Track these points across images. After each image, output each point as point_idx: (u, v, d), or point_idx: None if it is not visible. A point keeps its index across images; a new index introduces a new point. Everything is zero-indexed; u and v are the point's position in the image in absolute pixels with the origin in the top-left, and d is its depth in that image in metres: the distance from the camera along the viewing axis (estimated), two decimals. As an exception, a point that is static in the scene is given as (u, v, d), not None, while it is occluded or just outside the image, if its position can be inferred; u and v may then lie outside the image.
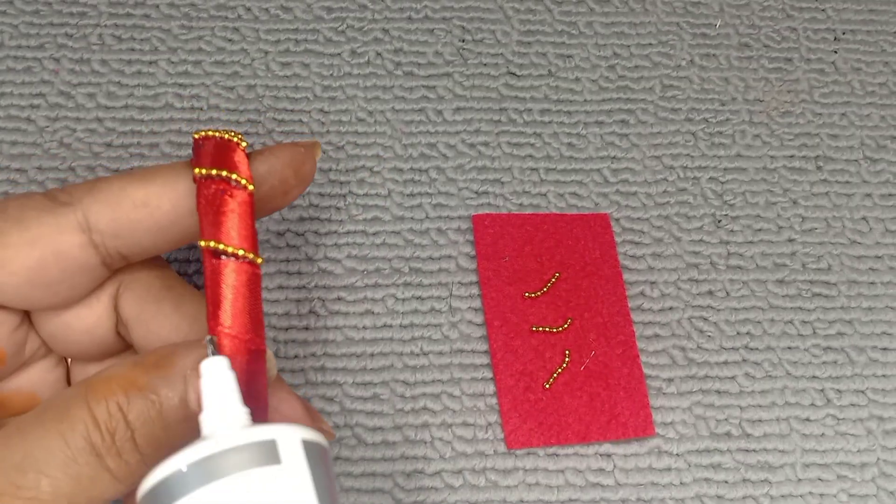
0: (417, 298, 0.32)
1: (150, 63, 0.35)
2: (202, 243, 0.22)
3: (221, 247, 0.22)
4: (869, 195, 0.35)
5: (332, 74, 0.35)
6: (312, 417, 0.23)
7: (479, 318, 0.32)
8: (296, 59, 0.35)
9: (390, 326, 0.31)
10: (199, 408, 0.20)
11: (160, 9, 0.36)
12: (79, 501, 0.19)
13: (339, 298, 0.31)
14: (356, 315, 0.31)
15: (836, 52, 0.38)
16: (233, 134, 0.24)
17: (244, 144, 0.24)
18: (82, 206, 0.22)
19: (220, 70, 0.35)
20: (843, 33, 0.38)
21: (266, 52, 0.35)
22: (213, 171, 0.22)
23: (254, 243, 0.22)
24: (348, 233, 0.33)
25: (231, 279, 0.21)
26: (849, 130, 0.36)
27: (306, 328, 0.31)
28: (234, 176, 0.22)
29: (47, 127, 0.33)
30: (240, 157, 0.23)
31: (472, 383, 0.31)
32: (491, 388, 0.31)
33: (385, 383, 0.30)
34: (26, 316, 0.24)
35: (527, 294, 0.32)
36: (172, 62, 0.35)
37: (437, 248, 0.33)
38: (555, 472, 0.29)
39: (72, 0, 0.36)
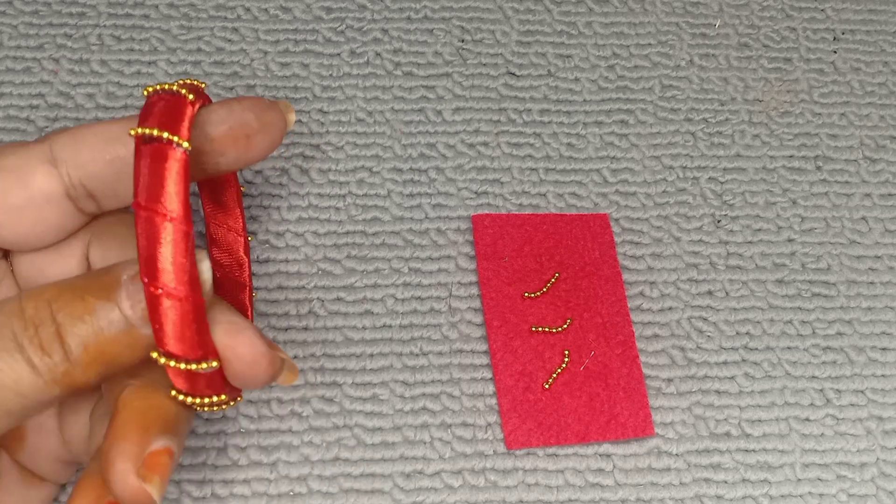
0: (417, 299, 0.32)
1: (150, 63, 0.35)
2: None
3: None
4: (868, 195, 0.35)
5: (331, 75, 0.35)
6: (268, 349, 0.22)
7: (478, 319, 0.32)
8: (295, 59, 0.35)
9: (390, 327, 0.31)
10: (135, 314, 0.20)
11: (159, 9, 0.36)
12: (3, 396, 0.19)
13: (338, 299, 0.31)
14: (355, 315, 0.31)
15: (835, 52, 0.38)
16: (186, 88, 0.23)
17: (191, 97, 0.23)
18: (51, 141, 0.23)
19: (220, 70, 0.35)
20: (843, 33, 0.39)
21: (265, 53, 0.35)
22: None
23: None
24: (348, 233, 0.33)
25: (174, 166, 0.20)
26: (848, 130, 0.36)
27: (305, 328, 0.31)
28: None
29: (46, 127, 0.33)
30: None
31: (472, 384, 0.31)
32: (490, 389, 0.31)
33: (384, 384, 0.30)
34: (4, 259, 0.25)
35: (526, 294, 0.32)
36: (172, 62, 0.35)
37: (436, 249, 0.33)
38: (554, 473, 0.29)
39: (71, 0, 0.36)
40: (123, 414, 0.21)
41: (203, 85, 0.24)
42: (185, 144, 0.21)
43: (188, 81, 0.23)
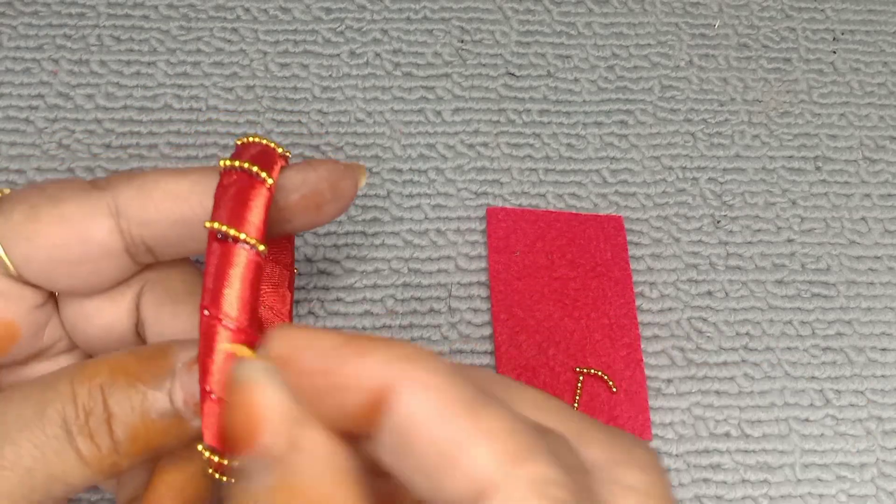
0: (416, 299, 0.32)
1: (149, 64, 0.35)
2: (208, 224, 0.20)
3: (233, 232, 0.20)
4: (868, 195, 0.35)
5: (330, 75, 0.35)
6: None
7: (478, 319, 0.32)
8: (294, 59, 0.35)
9: (389, 327, 0.31)
10: (187, 407, 0.20)
11: (159, 10, 0.36)
12: (38, 478, 0.19)
13: (337, 299, 0.31)
14: (355, 316, 0.31)
15: (834, 52, 0.38)
16: (276, 145, 0.23)
17: (285, 154, 0.23)
18: (115, 191, 0.22)
19: (219, 71, 0.35)
20: (842, 33, 0.39)
21: (265, 53, 0.35)
22: (241, 164, 0.21)
23: (265, 236, 0.21)
24: (347, 233, 0.33)
25: (240, 266, 0.20)
26: (848, 131, 0.36)
27: (305, 329, 0.31)
28: (254, 168, 0.21)
29: (46, 128, 0.33)
30: (276, 163, 0.22)
31: (471, 384, 0.31)
32: (490, 389, 0.30)
33: (384, 384, 0.30)
34: (52, 299, 0.24)
35: (534, 290, 0.32)
36: (171, 63, 0.35)
37: (435, 249, 0.33)
38: (554, 473, 0.29)
39: (70, 1, 0.36)
40: (161, 488, 0.21)
41: (287, 153, 0.23)
42: (262, 248, 0.20)
43: (267, 145, 0.23)
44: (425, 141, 0.34)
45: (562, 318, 0.31)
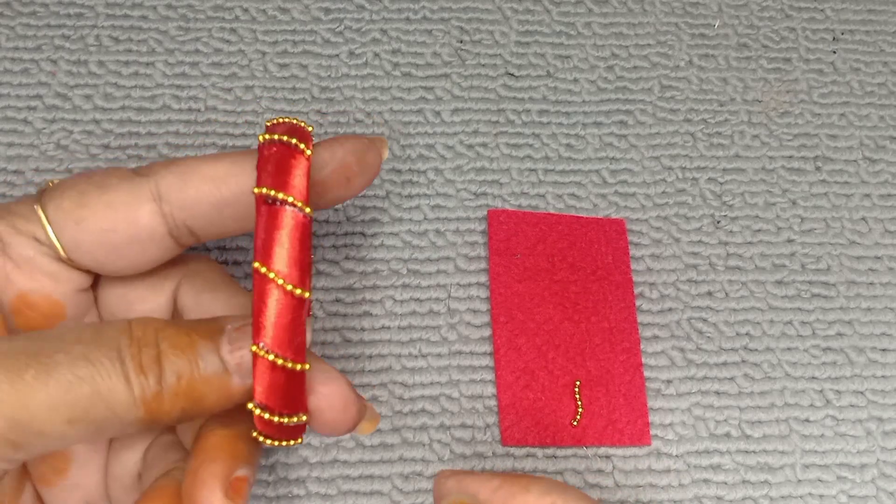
0: (416, 300, 0.32)
1: (148, 64, 0.35)
2: (256, 190, 0.22)
3: (281, 195, 0.21)
4: (868, 195, 0.35)
5: (329, 75, 0.35)
6: (357, 396, 0.24)
7: (477, 320, 0.32)
8: (293, 60, 0.35)
9: (388, 328, 0.31)
10: (233, 366, 0.21)
11: (157, 10, 0.36)
12: (83, 391, 0.19)
13: (337, 300, 0.31)
14: (354, 317, 0.31)
15: (834, 52, 0.38)
16: (304, 123, 0.24)
17: (311, 129, 0.24)
18: (157, 177, 0.24)
19: (218, 71, 0.35)
20: (842, 33, 0.38)
21: (264, 54, 0.35)
22: (280, 137, 0.22)
23: (308, 200, 0.22)
24: (346, 234, 0.32)
25: (288, 226, 0.21)
26: (848, 131, 0.36)
27: (304, 330, 0.31)
28: (293, 140, 0.22)
29: (44, 129, 0.33)
30: (309, 137, 0.23)
31: (471, 385, 0.31)
32: (489, 390, 0.30)
33: (383, 385, 0.30)
34: (94, 285, 0.25)
35: (535, 293, 0.32)
36: (170, 63, 0.35)
37: (435, 250, 0.33)
38: (553, 474, 0.29)
39: (69, 1, 0.36)
40: (213, 439, 0.22)
41: (311, 127, 0.24)
42: (308, 210, 0.22)
43: (296, 123, 0.24)
44: (424, 141, 0.34)
45: (562, 322, 0.31)
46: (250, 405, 0.21)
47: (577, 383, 0.30)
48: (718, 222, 0.34)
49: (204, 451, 0.22)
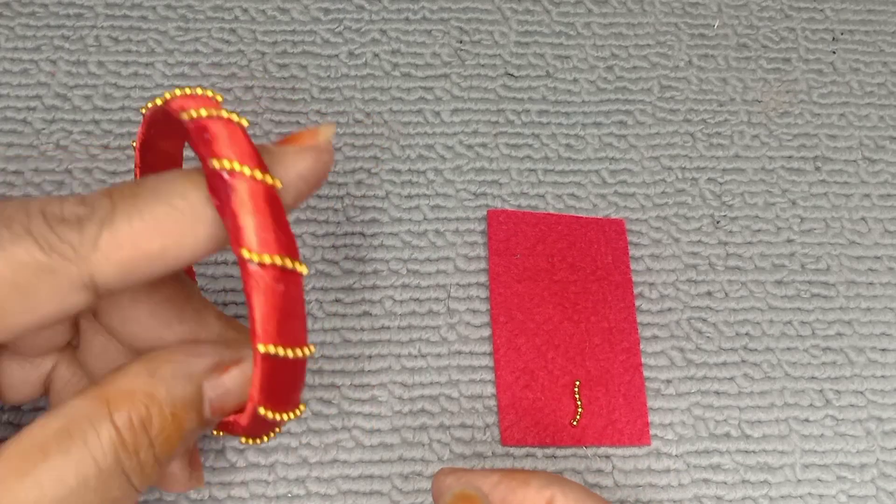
0: (415, 300, 0.32)
1: (147, 65, 0.35)
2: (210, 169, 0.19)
3: (227, 164, 0.19)
4: (867, 195, 0.35)
5: (329, 76, 0.35)
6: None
7: (477, 320, 0.32)
8: (293, 60, 0.35)
9: (388, 328, 0.31)
10: (213, 413, 0.21)
11: (157, 10, 0.36)
12: None
13: (336, 300, 0.31)
14: (354, 317, 0.31)
15: (834, 52, 0.38)
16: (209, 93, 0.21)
17: (219, 99, 0.22)
18: (88, 263, 0.19)
19: (217, 72, 0.35)
20: (842, 33, 0.38)
21: (263, 54, 0.35)
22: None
23: (263, 166, 0.20)
24: (346, 234, 0.32)
25: (245, 198, 0.19)
26: (847, 131, 0.36)
27: (304, 330, 0.31)
28: (223, 113, 0.20)
29: (44, 129, 0.33)
30: (216, 104, 0.21)
31: (470, 385, 0.31)
32: (489, 390, 0.30)
33: (383, 385, 0.30)
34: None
35: (534, 293, 0.32)
36: (169, 64, 0.35)
37: (434, 250, 0.32)
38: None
39: (68, 2, 0.36)
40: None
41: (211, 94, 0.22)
42: (265, 177, 0.20)
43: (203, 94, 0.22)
44: (424, 142, 0.34)
45: (561, 322, 0.31)
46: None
47: (577, 383, 0.30)
48: (718, 222, 0.34)
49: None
